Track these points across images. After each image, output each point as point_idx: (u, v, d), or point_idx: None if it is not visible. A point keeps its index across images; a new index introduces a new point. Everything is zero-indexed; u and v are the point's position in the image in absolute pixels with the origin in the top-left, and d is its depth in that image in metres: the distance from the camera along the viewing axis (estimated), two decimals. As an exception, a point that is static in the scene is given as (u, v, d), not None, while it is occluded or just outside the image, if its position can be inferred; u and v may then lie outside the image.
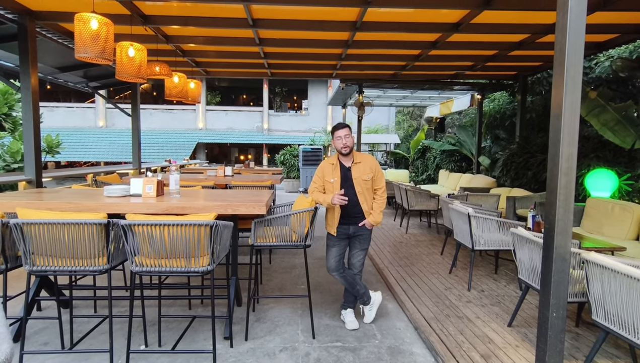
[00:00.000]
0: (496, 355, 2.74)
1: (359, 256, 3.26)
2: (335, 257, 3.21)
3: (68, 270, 2.49)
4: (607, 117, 5.32)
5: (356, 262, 3.27)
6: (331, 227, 3.21)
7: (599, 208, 4.82)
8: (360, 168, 3.13)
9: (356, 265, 3.27)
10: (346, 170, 3.14)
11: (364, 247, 3.24)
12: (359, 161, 3.15)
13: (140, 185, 3.18)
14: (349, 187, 3.10)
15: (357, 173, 3.11)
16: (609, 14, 4.79)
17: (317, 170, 3.24)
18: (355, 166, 3.14)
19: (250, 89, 24.30)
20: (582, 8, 2.11)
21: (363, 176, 3.11)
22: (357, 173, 3.11)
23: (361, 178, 3.10)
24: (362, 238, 3.21)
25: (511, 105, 10.00)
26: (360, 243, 3.22)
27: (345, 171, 3.14)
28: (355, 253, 3.25)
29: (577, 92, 2.16)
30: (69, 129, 20.18)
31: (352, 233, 3.18)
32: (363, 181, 3.11)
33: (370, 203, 3.17)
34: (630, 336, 2.09)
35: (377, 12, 4.83)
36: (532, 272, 2.94)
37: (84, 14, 3.24)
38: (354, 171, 3.12)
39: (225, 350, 2.84)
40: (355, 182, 3.10)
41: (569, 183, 2.20)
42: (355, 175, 3.11)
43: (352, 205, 3.08)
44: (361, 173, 3.11)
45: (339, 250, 3.21)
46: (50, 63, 6.78)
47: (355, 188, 3.10)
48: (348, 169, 3.14)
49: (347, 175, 3.13)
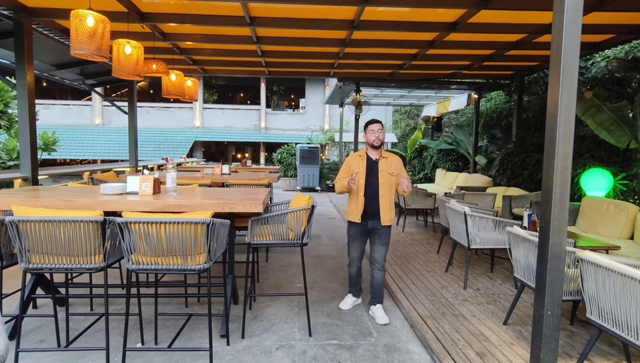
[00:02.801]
0: (491, 353, 2.76)
1: (380, 251, 3.36)
2: (358, 249, 3.45)
3: (64, 268, 2.48)
4: (603, 117, 5.35)
5: (378, 256, 3.37)
6: (355, 215, 3.32)
7: (594, 207, 4.85)
8: (387, 163, 3.30)
9: (378, 260, 3.37)
10: (373, 162, 3.31)
11: (384, 241, 3.34)
12: (386, 157, 3.33)
13: (137, 183, 3.17)
14: (373, 177, 3.27)
15: (384, 166, 3.28)
16: (605, 15, 4.81)
17: (344, 162, 3.43)
18: (382, 160, 3.31)
19: (248, 87, 24.25)
20: (578, 8, 2.13)
21: (388, 170, 3.27)
22: (383, 166, 3.28)
23: (387, 171, 3.27)
24: (381, 233, 3.32)
25: (508, 104, 10.03)
26: (379, 238, 3.33)
27: (371, 163, 3.31)
28: (376, 248, 3.37)
29: (572, 91, 2.17)
30: (65, 127, 20.06)
31: (370, 228, 3.33)
32: (388, 175, 3.26)
33: (390, 200, 3.30)
34: (624, 334, 2.11)
35: (374, 11, 4.83)
36: (527, 270, 2.96)
37: (80, 11, 3.22)
38: (381, 164, 3.29)
39: (222, 348, 2.85)
40: (380, 174, 3.26)
41: (564, 183, 2.22)
42: (381, 167, 3.27)
43: (372, 197, 3.26)
44: (387, 167, 3.28)
45: (360, 244, 3.43)
46: (47, 60, 6.74)
47: (380, 180, 3.25)
48: (375, 161, 3.31)
49: (373, 166, 3.30)
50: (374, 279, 3.42)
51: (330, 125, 21.86)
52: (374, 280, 3.42)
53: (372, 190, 3.27)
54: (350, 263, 3.54)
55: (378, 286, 3.42)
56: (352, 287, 3.64)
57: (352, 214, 3.36)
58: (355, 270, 3.54)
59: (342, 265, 4.91)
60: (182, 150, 19.42)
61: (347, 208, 3.44)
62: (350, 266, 3.55)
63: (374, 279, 3.42)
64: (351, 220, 3.37)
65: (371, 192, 3.27)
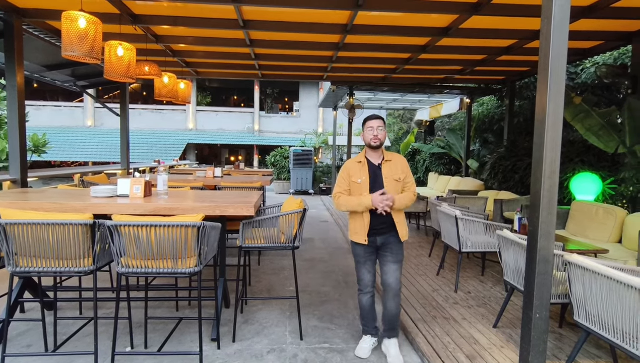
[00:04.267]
0: (481, 356, 2.77)
1: (394, 271, 2.74)
2: (370, 272, 2.81)
3: (52, 271, 2.45)
4: (592, 122, 5.43)
5: (392, 279, 2.73)
6: (360, 235, 2.73)
7: (583, 211, 4.92)
8: (391, 167, 2.76)
9: (392, 283, 2.73)
10: (375, 168, 2.76)
11: (397, 258, 2.75)
12: (389, 159, 2.79)
13: (128, 186, 3.15)
14: (377, 187, 2.70)
15: (388, 171, 2.74)
16: (593, 22, 4.90)
17: (340, 171, 2.82)
18: (385, 164, 2.76)
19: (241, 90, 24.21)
20: (565, 15, 2.16)
21: (394, 176, 2.73)
22: (387, 171, 2.74)
23: (392, 177, 2.72)
24: (393, 247, 2.75)
25: (499, 109, 10.14)
26: (392, 254, 2.74)
27: (374, 169, 2.76)
28: (388, 269, 2.75)
29: (560, 97, 2.21)
30: (56, 128, 19.83)
31: (380, 244, 2.76)
32: (394, 181, 2.72)
33: (401, 213, 2.80)
34: (610, 336, 2.14)
35: (367, 16, 4.87)
36: (516, 273, 2.99)
37: (71, 12, 3.20)
38: (384, 169, 2.74)
39: (213, 352, 2.83)
40: (385, 182, 2.71)
41: (552, 187, 2.25)
42: (385, 174, 2.73)
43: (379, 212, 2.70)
44: (392, 172, 2.74)
45: (371, 265, 2.82)
46: (37, 61, 6.68)
47: (385, 188, 2.69)
48: (377, 166, 2.76)
49: (376, 173, 2.74)
50: (386, 309, 2.78)
51: (324, 128, 21.90)
52: (387, 310, 2.78)
53: None
54: (360, 290, 2.84)
55: (392, 316, 2.77)
56: (366, 323, 2.88)
57: (356, 234, 2.77)
58: (368, 300, 2.83)
59: (334, 269, 4.91)
60: (175, 153, 19.31)
61: (350, 226, 2.85)
62: (361, 293, 2.84)
63: (387, 308, 2.77)
64: (356, 241, 2.78)
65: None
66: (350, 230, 2.85)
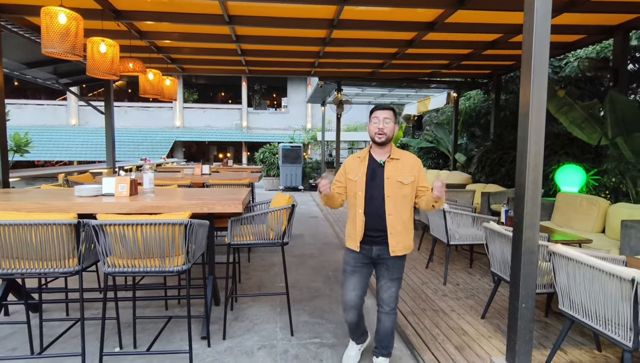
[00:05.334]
0: (470, 347, 2.82)
1: (390, 288, 2.43)
2: (356, 288, 2.43)
3: (37, 273, 2.41)
4: (575, 115, 5.52)
5: (387, 296, 2.43)
6: (353, 240, 2.40)
7: (568, 202, 5.01)
8: (398, 166, 2.35)
9: (387, 300, 2.44)
10: (377, 165, 2.37)
11: (394, 276, 2.42)
12: (396, 157, 2.37)
13: (113, 185, 3.10)
14: (376, 187, 2.33)
15: (393, 171, 2.33)
16: (576, 16, 4.97)
17: (340, 168, 2.49)
18: (390, 162, 2.36)
19: (229, 86, 24.00)
20: (547, 9, 2.19)
21: (399, 177, 2.32)
22: (392, 171, 2.33)
23: (396, 178, 2.32)
24: (390, 265, 2.40)
25: (486, 103, 10.25)
26: (389, 271, 2.41)
27: (375, 166, 2.37)
28: (383, 285, 2.44)
29: (543, 91, 2.24)
30: (39, 128, 19.41)
31: (375, 256, 2.39)
32: (397, 183, 2.31)
33: (402, 219, 2.35)
34: (593, 323, 2.19)
35: (353, 10, 4.86)
36: (503, 264, 3.04)
37: (51, 8, 3.13)
38: (388, 168, 2.34)
39: (203, 350, 2.82)
40: (386, 183, 2.32)
41: (537, 179, 2.28)
42: (389, 173, 2.33)
43: (376, 214, 2.34)
44: (398, 172, 2.33)
45: (360, 280, 2.43)
46: (17, 58, 6.51)
47: (385, 190, 2.32)
48: (380, 164, 2.37)
49: (376, 171, 2.36)
50: (380, 324, 2.50)
51: (313, 124, 21.87)
52: (381, 326, 2.50)
53: (375, 205, 2.33)
54: (344, 308, 2.49)
55: (385, 334, 2.50)
56: (351, 333, 2.65)
57: (349, 238, 2.44)
58: (353, 318, 2.49)
59: (324, 264, 4.93)
60: (162, 151, 19.08)
61: (346, 228, 2.53)
62: (346, 311, 2.48)
63: (381, 324, 2.50)
64: (348, 246, 2.45)
65: (374, 209, 2.33)
66: (345, 234, 2.53)
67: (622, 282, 1.95)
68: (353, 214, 2.41)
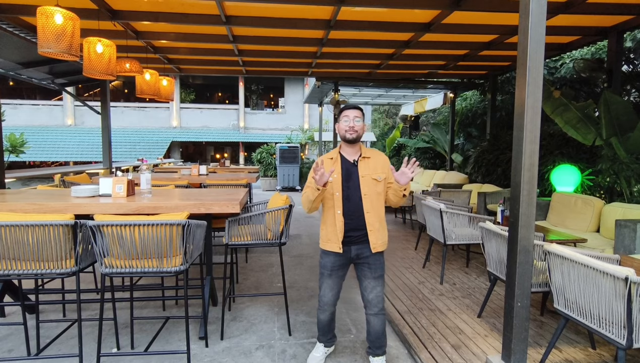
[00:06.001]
0: (466, 345, 2.84)
1: (375, 288, 2.42)
2: (333, 289, 2.50)
3: (33, 274, 2.40)
4: (570, 116, 5.56)
5: (373, 296, 2.43)
6: (333, 242, 2.39)
7: (563, 202, 5.05)
8: (370, 164, 2.40)
9: (374, 301, 2.44)
10: (350, 165, 2.40)
11: (378, 274, 2.42)
12: (367, 156, 2.42)
13: (110, 185, 3.10)
14: (352, 187, 2.37)
15: (366, 170, 2.38)
16: (572, 17, 5.01)
17: (312, 169, 2.32)
18: (363, 161, 2.41)
19: (226, 87, 23.98)
20: (542, 11, 2.21)
21: (373, 175, 2.37)
22: (365, 170, 2.38)
23: (370, 176, 2.37)
24: (372, 262, 2.41)
25: (482, 103, 10.31)
26: (370, 270, 2.41)
27: (348, 166, 2.40)
28: (368, 286, 2.43)
29: (538, 91, 2.26)
30: (34, 128, 19.31)
31: (354, 256, 2.42)
32: (372, 181, 2.36)
33: (379, 216, 2.40)
34: (588, 322, 2.22)
35: (350, 11, 4.87)
36: (499, 264, 3.06)
37: (47, 8, 3.12)
38: (361, 167, 2.39)
39: (201, 350, 2.82)
40: (361, 182, 2.36)
41: (532, 179, 2.31)
42: (362, 172, 2.38)
43: (354, 214, 2.37)
44: (371, 171, 2.38)
45: (337, 282, 2.50)
46: (12, 58, 6.47)
47: (361, 189, 2.36)
48: (353, 164, 2.40)
49: (350, 171, 2.39)
50: (370, 326, 2.51)
51: (310, 124, 21.88)
52: (371, 328, 2.51)
53: (353, 204, 2.36)
54: (320, 307, 2.56)
55: (377, 335, 2.51)
56: (322, 334, 2.68)
57: (329, 241, 2.41)
58: (328, 317, 2.59)
59: (321, 264, 4.94)
60: (159, 151, 19.04)
61: (321, 233, 2.49)
62: (321, 310, 2.57)
63: (371, 326, 2.50)
64: (329, 249, 2.42)
65: (352, 208, 2.36)
66: (321, 238, 2.48)
67: (616, 280, 1.97)
68: (331, 216, 2.40)
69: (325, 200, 2.43)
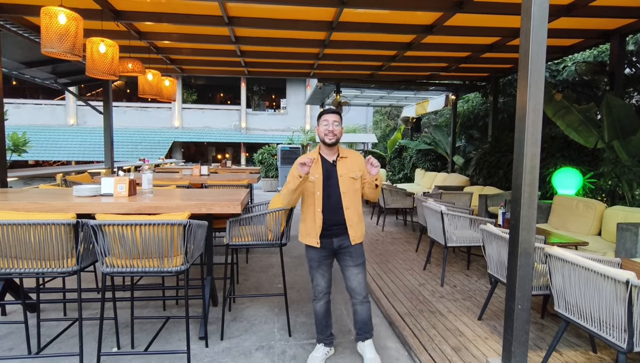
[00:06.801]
0: (466, 348, 2.83)
1: (357, 275, 2.60)
2: (324, 277, 2.65)
3: (34, 273, 2.41)
4: (572, 118, 5.55)
5: (356, 284, 2.60)
6: (312, 237, 2.56)
7: (565, 205, 5.04)
8: (347, 164, 2.59)
9: (358, 290, 2.61)
10: (329, 165, 2.58)
11: (359, 261, 2.61)
12: (345, 156, 2.61)
13: (112, 185, 3.11)
14: (332, 186, 2.55)
15: (344, 169, 2.57)
16: (573, 20, 5.01)
17: (291, 169, 2.51)
18: (341, 161, 2.59)
19: (228, 87, 24.02)
20: (544, 14, 2.22)
21: (350, 173, 2.56)
22: (343, 169, 2.57)
23: (348, 175, 2.56)
24: (353, 251, 2.60)
25: (484, 106, 10.29)
26: (352, 258, 2.60)
27: (328, 167, 2.58)
28: (351, 274, 2.60)
29: (540, 94, 2.26)
30: (37, 127, 19.38)
31: (336, 247, 2.60)
32: (350, 179, 2.56)
33: (357, 211, 2.60)
34: (589, 325, 2.21)
35: (353, 13, 4.88)
36: (500, 266, 3.06)
37: (50, 8, 3.14)
38: (339, 167, 2.57)
39: (201, 350, 2.83)
40: (340, 181, 2.55)
41: (533, 181, 2.30)
42: (341, 171, 2.56)
43: (334, 210, 2.55)
44: (348, 170, 2.57)
45: (327, 269, 2.66)
46: (16, 58, 6.50)
47: (340, 187, 2.55)
48: (332, 164, 2.59)
49: (330, 171, 2.57)
50: (357, 315, 2.68)
51: (312, 125, 21.89)
52: (358, 316, 2.67)
53: (333, 202, 2.54)
54: (315, 297, 2.69)
55: (363, 322, 2.68)
56: (320, 332, 2.74)
57: (307, 236, 2.59)
58: (322, 307, 2.68)
59: (322, 265, 4.93)
60: (161, 151, 19.07)
61: (300, 226, 2.65)
62: (316, 300, 2.69)
63: (358, 315, 2.67)
64: (307, 243, 2.60)
65: (332, 205, 2.53)
66: (300, 232, 2.64)
67: (617, 284, 1.97)
68: (311, 213, 2.58)
69: (305, 198, 2.61)
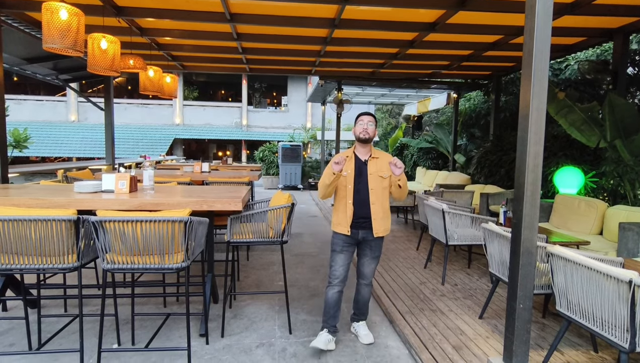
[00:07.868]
0: (467, 346, 2.83)
1: (370, 265, 2.93)
2: (344, 265, 2.87)
3: (35, 269, 2.41)
4: (574, 117, 5.53)
5: (368, 271, 2.95)
6: (343, 226, 2.82)
7: (566, 204, 5.03)
8: (378, 164, 2.83)
9: (367, 275, 2.95)
10: (361, 163, 2.84)
11: (375, 254, 2.92)
12: (376, 156, 2.86)
13: (113, 181, 3.10)
14: (362, 182, 2.80)
15: (374, 168, 2.82)
16: (577, 18, 4.98)
17: (327, 166, 2.79)
18: (372, 160, 2.84)
19: (229, 84, 23.96)
20: (548, 12, 2.20)
21: (379, 173, 2.80)
22: (374, 168, 2.82)
23: (377, 174, 2.80)
24: (373, 245, 2.88)
25: (486, 104, 10.26)
26: (371, 251, 2.90)
27: (360, 164, 2.84)
28: (366, 262, 2.93)
29: (543, 93, 2.25)
30: (38, 123, 19.35)
31: (361, 238, 2.86)
32: (379, 178, 2.80)
33: (383, 207, 2.84)
34: (590, 325, 2.20)
35: (355, 10, 4.86)
36: (501, 265, 3.05)
37: (52, 3, 3.12)
38: (370, 166, 2.82)
39: (201, 347, 2.83)
40: (370, 178, 2.79)
41: (536, 180, 2.29)
42: (371, 170, 2.81)
43: (362, 204, 2.80)
44: (378, 169, 2.81)
45: (347, 258, 2.88)
46: (17, 54, 6.49)
47: (369, 184, 2.79)
48: (364, 162, 2.84)
49: (362, 169, 2.83)
50: (359, 295, 3.02)
51: (313, 123, 21.85)
52: (360, 296, 3.02)
53: (361, 197, 2.80)
54: (330, 282, 2.88)
55: (363, 303, 3.03)
56: (328, 319, 2.89)
57: (339, 225, 2.86)
58: (336, 295, 2.87)
59: (323, 263, 4.93)
60: (162, 148, 19.06)
61: (333, 218, 2.94)
62: (330, 286, 2.87)
63: (360, 295, 3.01)
64: (338, 231, 2.86)
65: (361, 200, 2.80)
66: (332, 222, 2.93)
67: (620, 283, 1.96)
68: (343, 205, 2.85)
69: (338, 191, 2.87)
